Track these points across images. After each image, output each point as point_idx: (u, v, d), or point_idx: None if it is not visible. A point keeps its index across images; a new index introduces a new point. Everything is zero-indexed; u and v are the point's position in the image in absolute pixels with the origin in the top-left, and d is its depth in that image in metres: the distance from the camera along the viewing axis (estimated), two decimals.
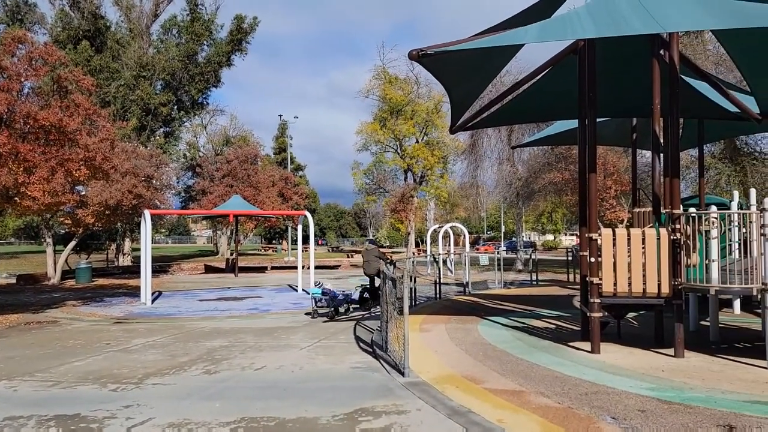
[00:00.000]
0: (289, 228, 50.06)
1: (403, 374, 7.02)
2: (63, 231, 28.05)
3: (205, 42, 36.68)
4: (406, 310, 7.14)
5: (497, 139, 31.13)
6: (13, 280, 24.04)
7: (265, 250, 64.74)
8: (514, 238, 57.31)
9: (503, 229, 68.82)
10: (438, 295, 15.70)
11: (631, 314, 10.87)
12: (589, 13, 7.55)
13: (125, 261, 34.27)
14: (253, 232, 62.51)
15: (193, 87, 36.54)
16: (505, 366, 7.50)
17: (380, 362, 7.97)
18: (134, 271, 27.79)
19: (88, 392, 6.73)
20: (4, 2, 34.24)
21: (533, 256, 23.04)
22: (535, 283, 20.44)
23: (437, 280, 16.20)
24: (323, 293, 12.85)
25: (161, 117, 35.57)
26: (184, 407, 6.08)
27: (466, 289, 17.66)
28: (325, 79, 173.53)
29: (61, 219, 23.61)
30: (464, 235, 29.76)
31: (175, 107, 37.32)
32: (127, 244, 35.46)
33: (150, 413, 5.87)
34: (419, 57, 7.18)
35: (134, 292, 18.65)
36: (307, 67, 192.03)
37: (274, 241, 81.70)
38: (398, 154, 46.52)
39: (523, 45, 8.69)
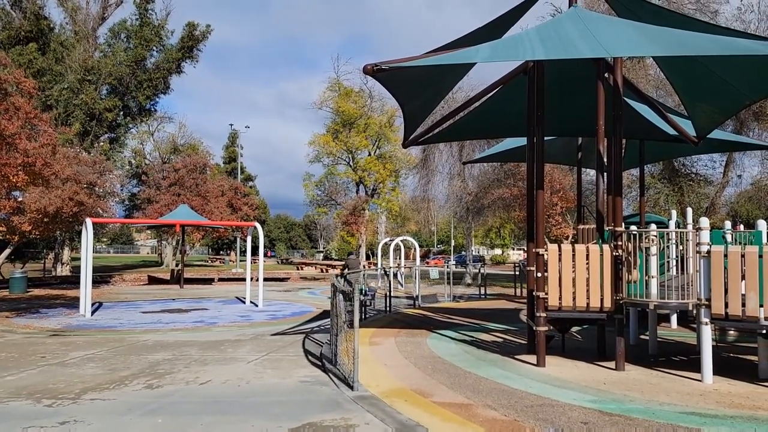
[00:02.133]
0: (238, 239, 49.18)
1: (352, 388, 6.98)
2: None
3: (154, 48, 35.80)
4: (356, 323, 7.11)
5: (449, 155, 31.61)
6: None
7: (212, 262, 63.34)
8: (463, 253, 58.17)
9: (453, 244, 69.79)
10: (388, 309, 15.73)
11: (575, 328, 11.19)
12: (539, 36, 7.82)
13: (64, 271, 32.80)
14: (200, 242, 61.04)
15: (140, 93, 35.54)
16: (454, 379, 7.57)
17: (329, 376, 7.90)
18: (73, 281, 26.65)
19: (21, 408, 6.38)
20: None
21: (482, 271, 23.42)
22: (483, 296, 20.76)
23: (388, 294, 16.22)
24: (368, 292, 16.38)
25: (106, 123, 34.39)
26: (124, 423, 5.86)
27: (416, 302, 17.75)
28: (276, 90, 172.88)
29: None
30: (415, 249, 29.97)
31: (121, 113, 36.17)
32: (66, 254, 33.96)
33: (87, 430, 5.63)
34: (374, 72, 7.24)
35: (73, 304, 17.85)
36: (258, 77, 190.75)
37: (222, 252, 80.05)
38: (350, 166, 46.59)
39: (475, 63, 8.91)
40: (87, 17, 35.25)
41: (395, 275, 25.22)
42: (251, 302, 18.58)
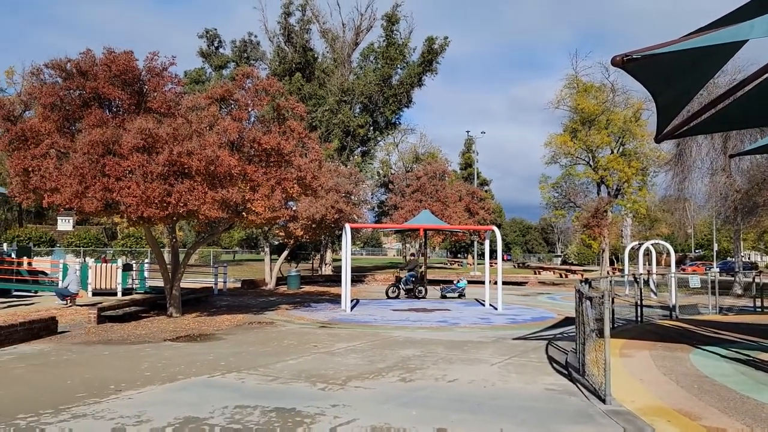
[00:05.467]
0: (475, 243, 50.13)
1: (603, 401, 6.60)
2: (277, 242, 31.60)
3: (398, 65, 38.71)
4: (606, 332, 6.73)
5: (709, 147, 27.83)
6: (239, 284, 27.67)
7: (450, 264, 65.67)
8: (729, 258, 50.49)
9: (715, 248, 60.96)
10: (639, 319, 14.47)
11: None
12: None
13: (327, 270, 37.32)
14: (440, 245, 63.85)
15: (387, 108, 38.74)
16: (727, 403, 6.65)
17: (577, 386, 7.59)
18: (335, 279, 30.14)
19: (301, 389, 7.44)
20: (234, 44, 39.90)
21: (757, 279, 20.05)
22: (759, 310, 17.79)
23: (638, 302, 14.92)
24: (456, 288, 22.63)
25: (359, 138, 38.32)
26: (384, 412, 6.42)
27: (673, 313, 16.02)
28: (507, 95, 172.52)
29: (276, 231, 26.64)
30: (669, 254, 27.03)
31: (371, 128, 39.89)
32: (329, 255, 38.61)
33: (354, 414, 6.29)
34: (623, 62, 6.75)
35: (335, 300, 20.20)
36: (488, 83, 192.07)
37: (459, 255, 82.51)
38: (590, 166, 44.07)
39: (745, 42, 7.73)
40: (343, 45, 39.73)
41: (646, 282, 23.05)
42: (490, 305, 18.78)
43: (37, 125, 12.79)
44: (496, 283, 18.79)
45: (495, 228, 19.67)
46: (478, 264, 48.09)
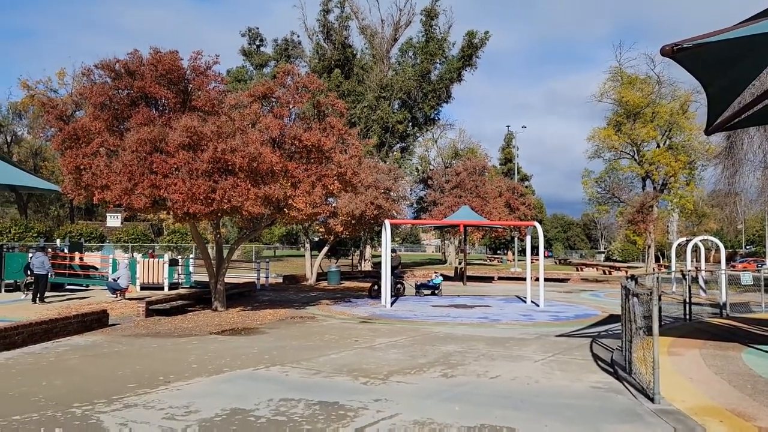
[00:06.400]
0: (515, 239, 49.54)
1: (652, 400, 6.44)
2: (317, 238, 31.94)
3: (438, 60, 38.49)
4: (655, 330, 6.56)
5: (762, 139, 26.77)
6: (280, 280, 28.08)
7: (490, 261, 65.07)
8: None
9: None
10: (688, 316, 14.05)
11: None
12: None
13: (366, 266, 37.51)
14: (479, 242, 63.35)
15: (426, 104, 38.60)
16: None
17: (624, 384, 7.43)
18: (374, 275, 30.21)
19: (343, 383, 7.51)
20: (276, 42, 40.45)
21: None
22: None
23: (686, 300, 14.47)
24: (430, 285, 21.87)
25: (398, 134, 38.29)
26: (426, 407, 6.42)
27: (723, 311, 15.48)
28: (545, 89, 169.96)
29: (316, 227, 26.92)
30: (719, 250, 26.11)
31: (410, 124, 39.81)
32: (368, 251, 38.77)
33: (396, 409, 6.32)
34: (673, 52, 6.54)
35: (375, 295, 20.27)
36: (527, 78, 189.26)
37: (499, 252, 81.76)
38: (635, 160, 43.04)
39: None
40: (382, 41, 39.76)
41: (695, 279, 22.33)
42: (532, 302, 18.53)
43: (87, 124, 13.25)
44: (537, 279, 18.52)
45: (536, 223, 19.36)
46: (519, 260, 47.50)
